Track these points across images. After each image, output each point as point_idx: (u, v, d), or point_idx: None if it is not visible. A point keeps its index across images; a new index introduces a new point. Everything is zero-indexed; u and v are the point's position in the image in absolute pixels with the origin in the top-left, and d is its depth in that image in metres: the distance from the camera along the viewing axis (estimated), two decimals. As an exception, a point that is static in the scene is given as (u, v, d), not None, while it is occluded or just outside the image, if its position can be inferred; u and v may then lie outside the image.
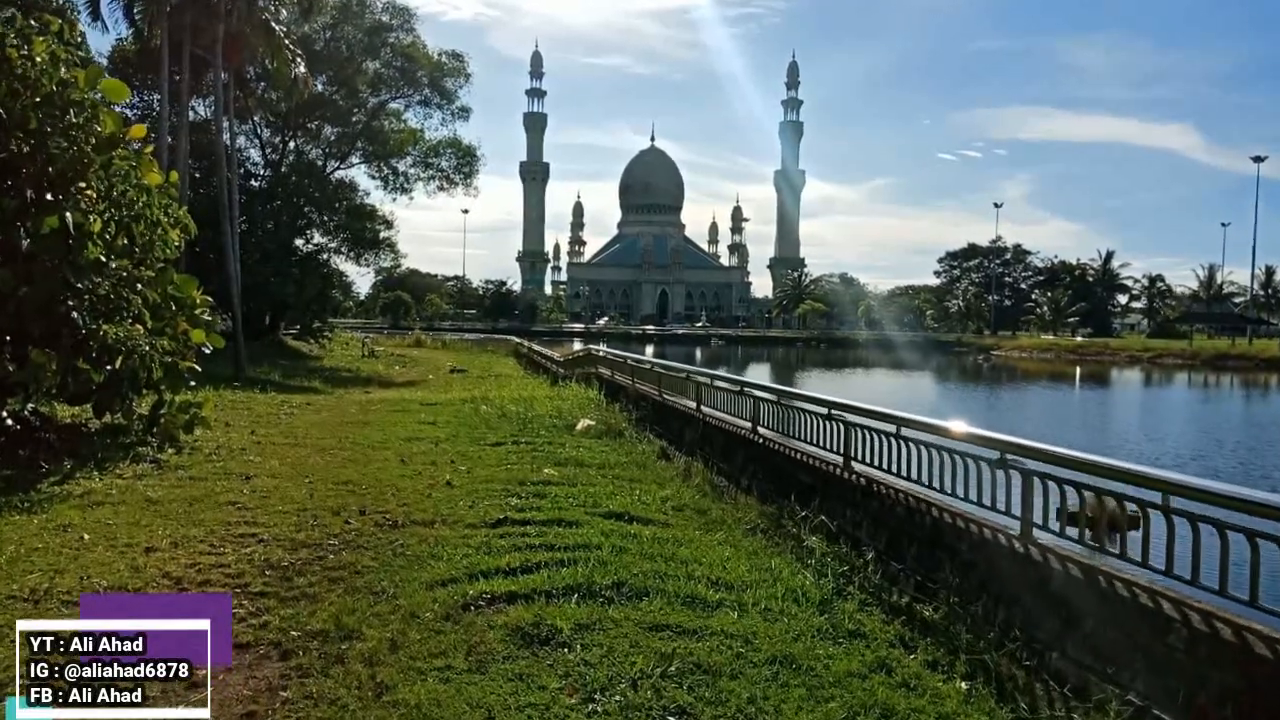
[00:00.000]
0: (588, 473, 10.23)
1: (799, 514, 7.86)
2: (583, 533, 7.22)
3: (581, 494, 8.84)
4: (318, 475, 9.79)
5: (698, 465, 10.79)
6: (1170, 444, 23.99)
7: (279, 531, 7.23)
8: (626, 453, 12.03)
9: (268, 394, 19.26)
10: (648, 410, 14.58)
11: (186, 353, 11.85)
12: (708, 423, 12.18)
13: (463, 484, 9.39)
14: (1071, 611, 5.13)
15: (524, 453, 11.52)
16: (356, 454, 11.46)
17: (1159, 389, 52.49)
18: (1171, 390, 51.60)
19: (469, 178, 44.82)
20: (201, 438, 11.98)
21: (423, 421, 14.84)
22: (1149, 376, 60.93)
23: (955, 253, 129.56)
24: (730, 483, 10.28)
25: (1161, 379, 58.54)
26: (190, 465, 10.07)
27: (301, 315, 40.93)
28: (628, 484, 9.60)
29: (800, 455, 9.10)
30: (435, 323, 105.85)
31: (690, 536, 7.29)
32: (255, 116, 42.24)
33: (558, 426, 13.83)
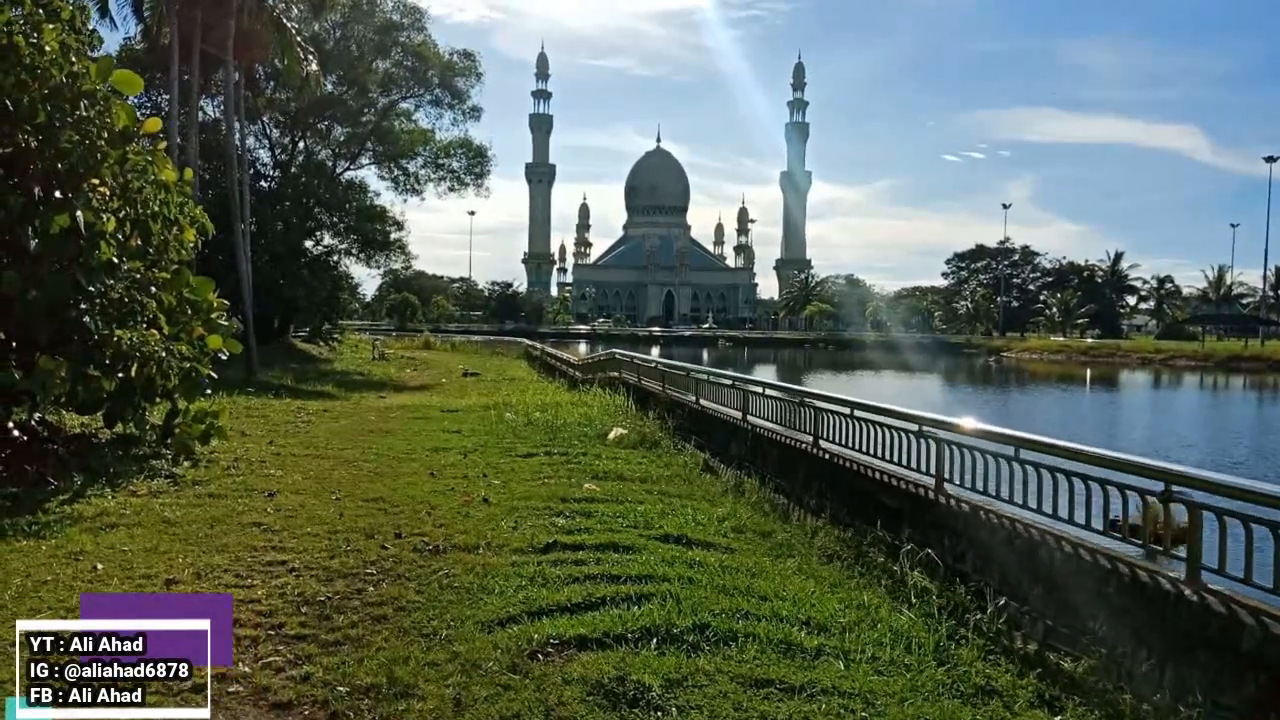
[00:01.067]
0: (631, 488, 9.59)
1: (886, 540, 7.14)
2: (643, 560, 6.58)
3: (630, 513, 8.20)
4: (345, 491, 9.16)
5: (751, 481, 10.09)
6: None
7: (310, 558, 6.60)
8: (666, 464, 11.40)
9: (282, 399, 18.65)
10: (684, 419, 13.89)
11: (203, 359, 11.22)
12: (758, 434, 11.45)
13: (500, 501, 8.75)
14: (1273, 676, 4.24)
15: (558, 465, 10.88)
16: (382, 466, 10.84)
17: (1185, 391, 51.63)
18: (1198, 393, 50.73)
19: (480, 178, 44.27)
20: (218, 449, 11.37)
21: (447, 430, 14.21)
22: (1164, 378, 60.11)
23: (963, 254, 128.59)
24: (791, 501, 9.56)
25: (1178, 381, 57.71)
26: (208, 480, 9.45)
27: (311, 318, 40.38)
28: (677, 501, 8.96)
29: (880, 475, 8.26)
30: (442, 324, 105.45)
31: (761, 565, 6.64)
32: (265, 117, 41.65)
33: (589, 436, 13.19)
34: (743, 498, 9.62)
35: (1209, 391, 51.32)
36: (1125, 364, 75.30)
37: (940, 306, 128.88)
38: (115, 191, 9.46)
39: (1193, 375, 63.06)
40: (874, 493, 8.06)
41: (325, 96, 40.41)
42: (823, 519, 8.41)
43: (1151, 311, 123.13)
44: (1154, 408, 42.21)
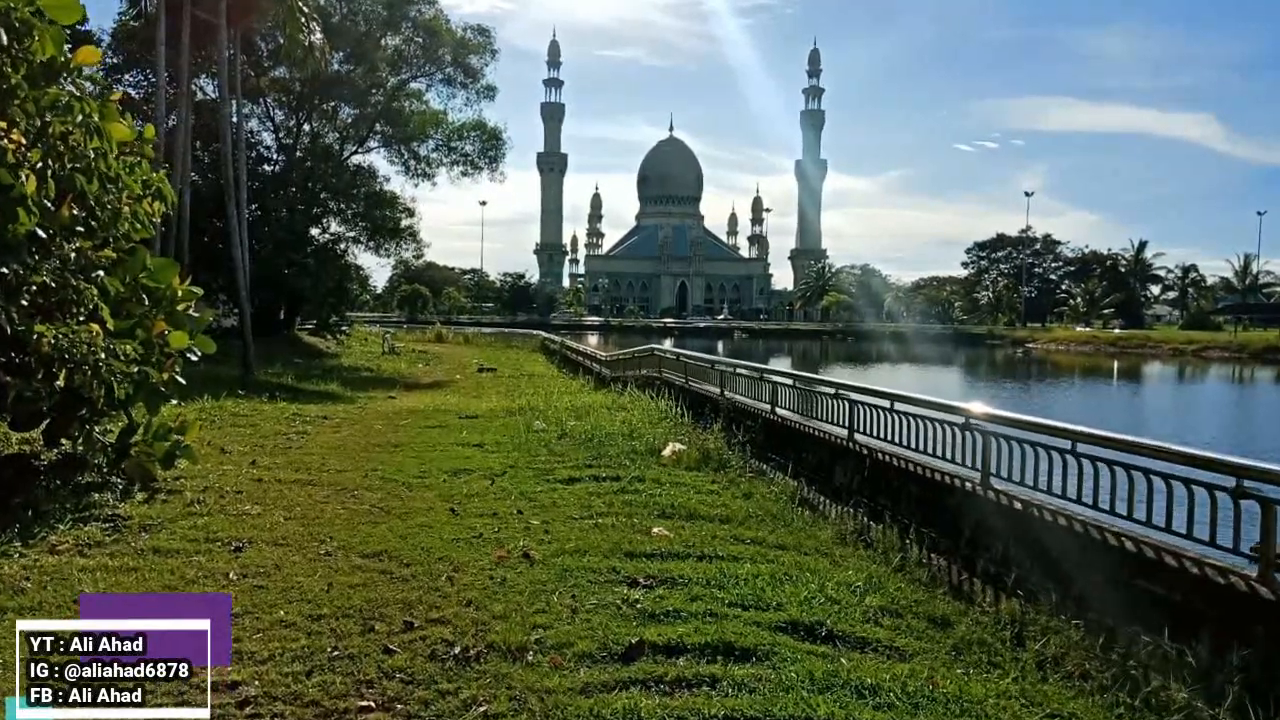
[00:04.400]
0: (713, 533, 7.30)
1: (1175, 653, 4.64)
2: (781, 677, 4.31)
3: (729, 580, 5.92)
4: (338, 538, 6.91)
5: (889, 534, 7.42)
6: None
7: (276, 675, 4.35)
8: (743, 492, 9.09)
9: (278, 403, 16.38)
10: (756, 431, 11.46)
11: (165, 362, 8.98)
12: (877, 461, 8.85)
13: (545, 556, 6.49)
14: None
15: (611, 496, 8.60)
16: (389, 496, 8.60)
17: (1241, 386, 48.93)
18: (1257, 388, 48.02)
19: (494, 162, 41.86)
20: (186, 472, 9.16)
21: (467, 443, 11.94)
22: (1211, 371, 57.47)
23: (984, 243, 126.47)
24: (953, 562, 7.04)
25: (1225, 375, 55.06)
26: (161, 524, 7.21)
27: (318, 309, 38.23)
28: (784, 557, 6.67)
29: (1149, 548, 5.48)
30: (453, 316, 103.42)
31: (965, 688, 4.34)
32: (268, 97, 39.43)
33: (638, 452, 10.88)
34: (872, 551, 7.28)
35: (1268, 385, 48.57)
36: (1157, 356, 72.99)
37: (960, 296, 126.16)
38: (32, 138, 7.18)
39: (1225, 367, 60.42)
40: (1132, 574, 5.25)
41: (331, 75, 38.17)
42: (1018, 598, 5.97)
43: (1173, 301, 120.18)
44: (1220, 404, 39.53)
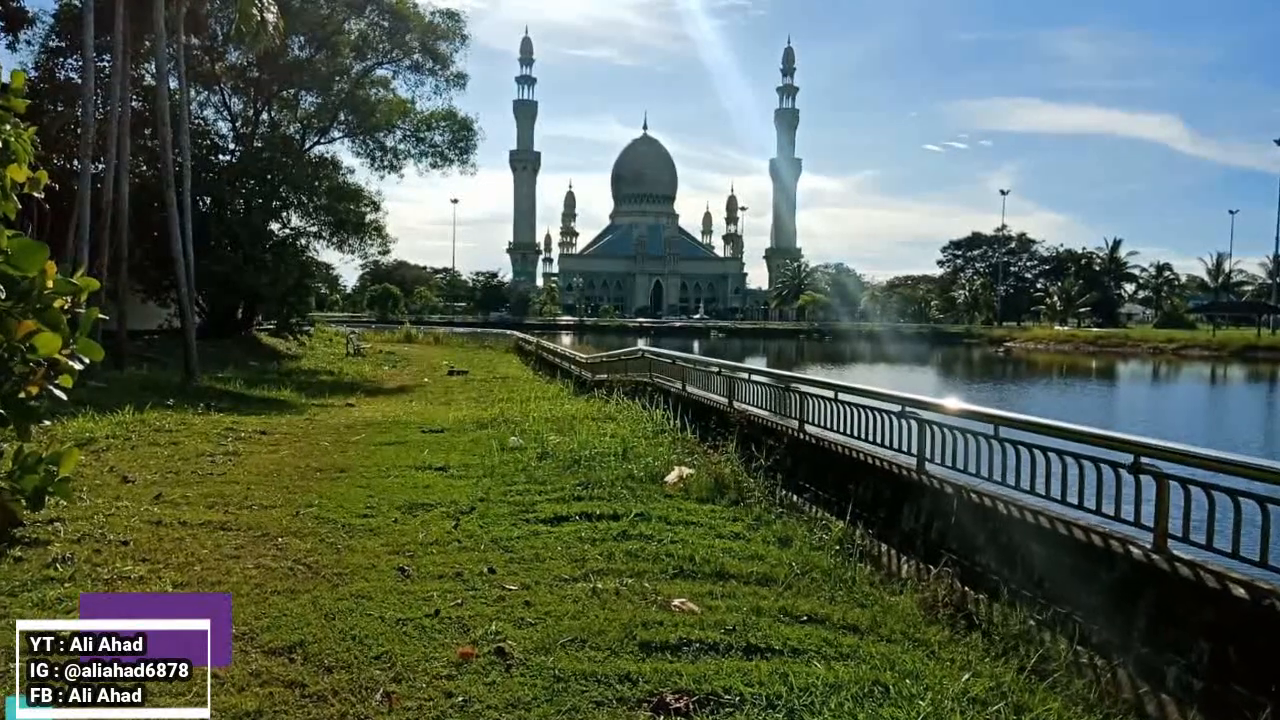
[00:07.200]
0: (754, 604, 5.44)
1: None
2: None
3: (798, 698, 4.07)
4: (240, 620, 4.98)
5: (1004, 609, 5.37)
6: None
7: None
8: (777, 535, 7.21)
9: (211, 414, 14.27)
10: (780, 453, 9.46)
11: (33, 374, 6.99)
12: (964, 502, 6.46)
13: (527, 651, 4.60)
14: None
15: (610, 544, 6.71)
16: (321, 546, 6.66)
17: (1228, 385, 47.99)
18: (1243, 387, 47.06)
19: (465, 154, 39.83)
20: (64, 514, 7.18)
21: (428, 466, 9.98)
22: (1189, 370, 56.71)
23: (959, 242, 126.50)
24: (1116, 663, 5.05)
25: (1206, 374, 54.27)
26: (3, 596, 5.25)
27: (278, 308, 35.95)
28: (862, 646, 4.84)
29: None
30: (425, 315, 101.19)
31: None
32: (224, 84, 37.15)
33: (636, 477, 8.97)
34: (979, 633, 5.43)
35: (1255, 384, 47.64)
36: (1136, 354, 72.67)
37: (936, 295, 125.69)
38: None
39: (1205, 366, 59.84)
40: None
41: (292, 61, 35.98)
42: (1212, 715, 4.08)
43: (1146, 300, 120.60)
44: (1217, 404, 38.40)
